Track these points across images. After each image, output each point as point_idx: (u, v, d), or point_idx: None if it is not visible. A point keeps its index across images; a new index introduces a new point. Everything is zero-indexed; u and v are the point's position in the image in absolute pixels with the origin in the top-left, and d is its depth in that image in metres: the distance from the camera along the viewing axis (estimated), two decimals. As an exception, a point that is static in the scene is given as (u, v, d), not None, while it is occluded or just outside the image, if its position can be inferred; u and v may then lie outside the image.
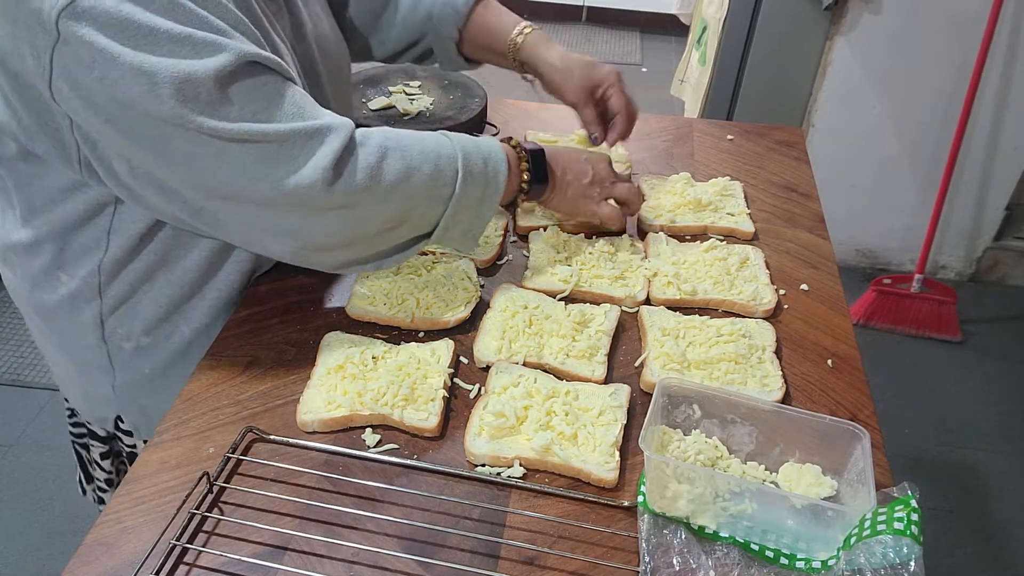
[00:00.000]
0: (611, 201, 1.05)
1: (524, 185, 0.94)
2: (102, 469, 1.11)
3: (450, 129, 1.25)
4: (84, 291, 0.90)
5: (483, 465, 0.78)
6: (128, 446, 1.07)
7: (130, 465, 1.03)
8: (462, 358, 0.90)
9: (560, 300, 0.97)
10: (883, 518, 0.65)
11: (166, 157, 0.74)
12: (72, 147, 0.78)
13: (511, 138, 0.96)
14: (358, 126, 0.87)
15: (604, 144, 1.14)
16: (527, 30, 1.09)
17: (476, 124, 1.31)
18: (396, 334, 0.93)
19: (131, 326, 0.93)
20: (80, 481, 1.17)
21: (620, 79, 1.10)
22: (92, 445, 1.10)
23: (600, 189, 1.01)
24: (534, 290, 0.98)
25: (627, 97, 1.10)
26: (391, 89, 1.35)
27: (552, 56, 1.09)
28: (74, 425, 1.11)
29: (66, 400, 1.09)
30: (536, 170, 0.94)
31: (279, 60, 0.78)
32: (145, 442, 1.01)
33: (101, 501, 1.16)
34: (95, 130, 0.74)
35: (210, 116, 0.71)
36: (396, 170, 0.81)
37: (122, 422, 1.02)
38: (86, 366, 0.97)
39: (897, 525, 0.64)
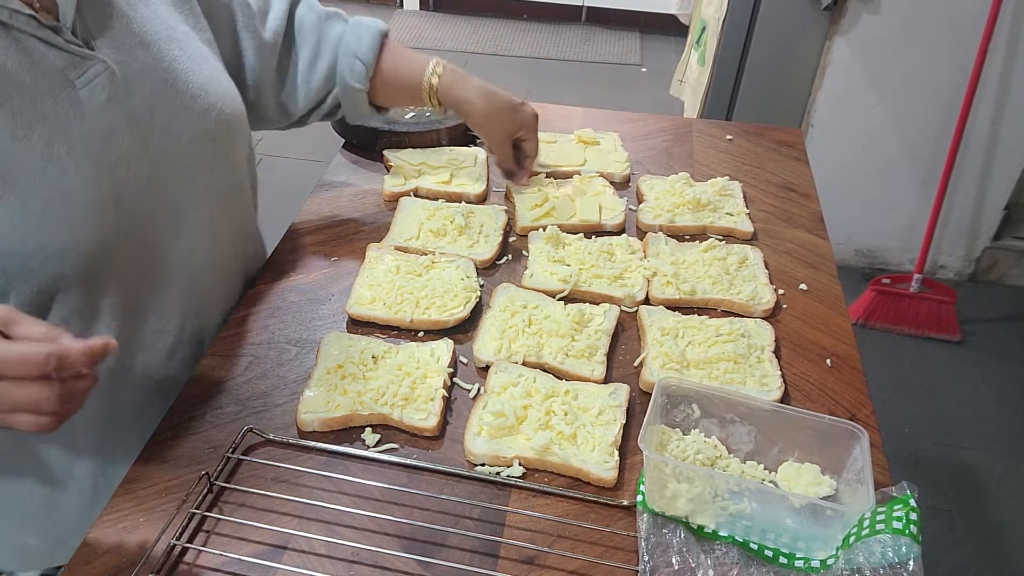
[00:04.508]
0: None
1: None
2: None
3: (448, 130, 1.26)
4: None
5: (483, 465, 0.78)
6: None
7: None
8: (462, 358, 0.90)
9: (559, 300, 0.97)
10: (882, 517, 0.66)
11: None
12: None
13: None
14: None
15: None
16: (439, 69, 1.06)
17: (475, 124, 1.31)
18: (396, 334, 0.93)
19: None
20: None
21: (536, 122, 1.12)
22: None
23: None
24: (533, 290, 0.98)
25: (537, 140, 1.14)
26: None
27: (473, 95, 1.07)
28: None
29: None
30: None
31: None
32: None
33: None
34: None
35: None
36: None
37: None
38: None
39: (896, 524, 0.64)
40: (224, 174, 0.91)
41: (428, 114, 1.29)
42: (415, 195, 1.16)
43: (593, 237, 1.08)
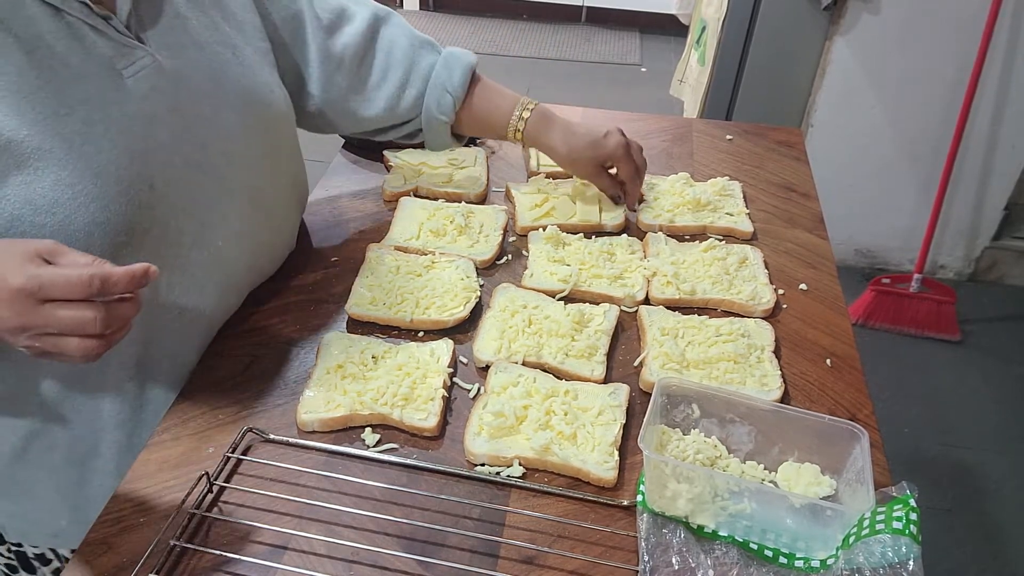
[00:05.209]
0: None
1: None
2: None
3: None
4: None
5: (483, 465, 0.78)
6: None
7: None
8: (461, 358, 0.90)
9: (559, 300, 0.97)
10: (882, 517, 0.66)
11: None
12: None
13: None
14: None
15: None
16: (526, 114, 1.06)
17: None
18: (396, 334, 0.93)
19: None
20: None
21: (626, 149, 1.07)
22: None
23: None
24: (533, 290, 0.98)
25: (635, 163, 1.08)
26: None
27: (556, 141, 1.06)
28: None
29: None
30: None
31: None
32: (14, 546, 0.95)
33: None
34: None
35: None
36: None
37: None
38: None
39: (896, 524, 0.64)
40: (266, 175, 0.93)
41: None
42: (415, 195, 1.16)
43: (593, 237, 1.08)
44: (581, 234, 1.08)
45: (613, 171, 1.11)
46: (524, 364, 0.87)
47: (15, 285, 0.58)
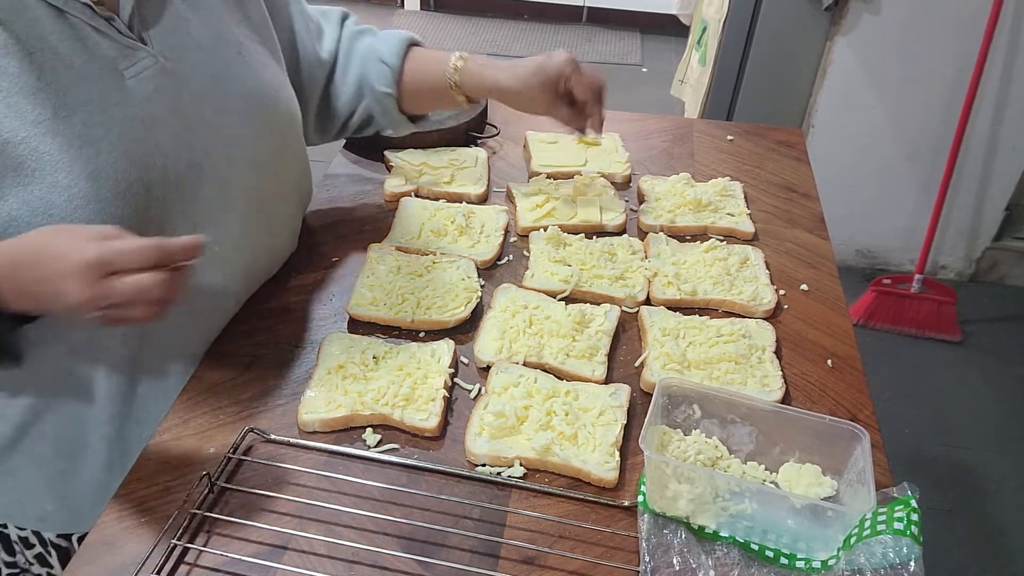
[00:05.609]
0: None
1: None
2: None
3: (450, 131, 1.26)
4: None
5: (483, 465, 0.78)
6: None
7: None
8: (462, 358, 0.90)
9: (560, 300, 0.97)
10: (883, 518, 0.66)
11: None
12: None
13: None
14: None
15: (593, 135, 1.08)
16: (459, 63, 1.01)
17: (476, 124, 1.31)
18: (396, 334, 0.93)
19: None
20: None
21: (575, 63, 1.00)
22: None
23: None
24: (534, 290, 0.98)
25: (588, 78, 1.01)
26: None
27: (501, 78, 1.01)
28: None
29: None
30: None
31: None
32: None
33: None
34: None
35: None
36: None
37: None
38: None
39: (897, 525, 0.64)
40: (269, 178, 0.92)
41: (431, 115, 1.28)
42: (416, 195, 1.16)
43: (594, 237, 1.08)
44: (582, 234, 1.08)
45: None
46: (525, 364, 0.87)
47: (87, 258, 0.61)
